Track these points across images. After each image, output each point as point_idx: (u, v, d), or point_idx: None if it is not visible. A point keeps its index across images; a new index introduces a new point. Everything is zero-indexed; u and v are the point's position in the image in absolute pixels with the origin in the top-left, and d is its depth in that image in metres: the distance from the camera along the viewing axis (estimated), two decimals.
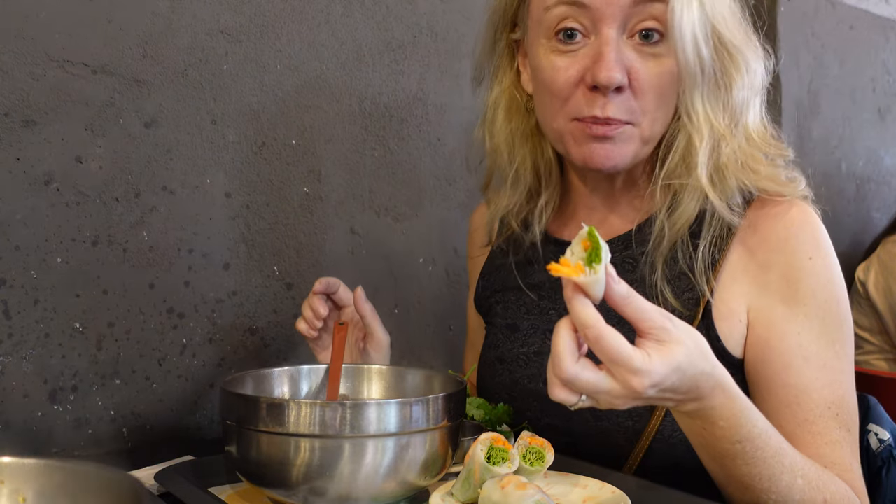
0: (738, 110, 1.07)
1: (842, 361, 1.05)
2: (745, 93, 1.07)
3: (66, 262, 1.26)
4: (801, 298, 1.05)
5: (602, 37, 1.03)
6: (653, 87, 1.05)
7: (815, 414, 1.02)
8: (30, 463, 0.79)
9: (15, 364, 1.22)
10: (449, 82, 1.69)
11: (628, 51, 1.04)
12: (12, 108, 1.21)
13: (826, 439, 1.01)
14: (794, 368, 1.03)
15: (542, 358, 1.17)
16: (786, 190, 1.08)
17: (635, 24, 1.03)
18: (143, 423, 1.34)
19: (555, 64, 1.06)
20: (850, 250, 2.47)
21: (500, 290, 1.28)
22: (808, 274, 1.05)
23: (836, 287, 1.06)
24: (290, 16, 1.47)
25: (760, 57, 1.10)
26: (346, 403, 0.90)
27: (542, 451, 0.95)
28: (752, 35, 1.10)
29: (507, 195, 1.22)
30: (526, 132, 1.19)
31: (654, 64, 1.04)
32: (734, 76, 1.06)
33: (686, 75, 1.04)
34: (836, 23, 2.47)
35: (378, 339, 1.26)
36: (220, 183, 1.40)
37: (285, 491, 0.94)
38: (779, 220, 1.08)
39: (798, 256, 1.06)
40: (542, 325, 1.20)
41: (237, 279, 1.43)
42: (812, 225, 1.08)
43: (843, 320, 1.06)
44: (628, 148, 1.07)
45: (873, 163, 2.61)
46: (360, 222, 1.57)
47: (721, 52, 1.05)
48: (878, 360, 2.24)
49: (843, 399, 1.03)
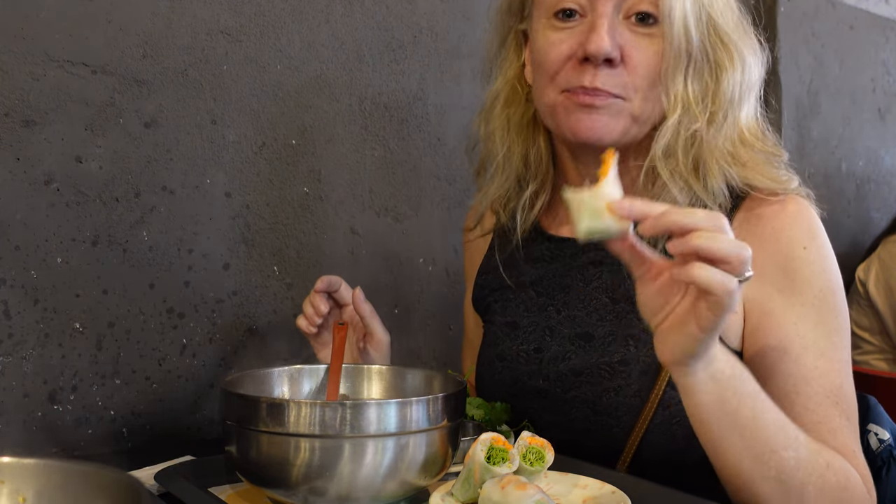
0: (727, 101, 1.07)
1: (839, 351, 1.05)
2: (737, 87, 1.08)
3: (66, 262, 1.26)
4: (797, 287, 1.05)
5: (597, 11, 1.05)
6: (645, 66, 1.06)
7: (815, 402, 1.02)
8: (30, 463, 0.79)
9: (15, 364, 1.22)
10: (449, 82, 1.69)
11: (623, 29, 1.06)
12: (12, 108, 1.21)
13: (827, 427, 1.01)
14: (793, 357, 1.03)
15: (541, 354, 1.17)
16: (779, 187, 1.09)
17: (631, 5, 1.05)
18: (143, 423, 1.34)
19: (550, 39, 1.09)
20: (850, 250, 2.47)
21: (497, 288, 1.28)
22: (804, 263, 1.06)
23: (831, 276, 1.07)
24: (290, 16, 1.47)
25: (758, 53, 1.10)
26: (346, 403, 0.90)
27: (542, 451, 0.95)
28: (750, 31, 1.11)
29: (496, 181, 1.22)
30: (522, 122, 1.20)
31: (647, 43, 1.06)
32: (725, 66, 1.07)
33: (671, 54, 1.05)
34: (835, 22, 2.47)
35: (378, 339, 1.26)
36: (220, 183, 1.40)
37: (285, 491, 0.94)
38: (774, 214, 1.08)
39: (793, 246, 1.06)
40: (542, 322, 1.19)
41: (237, 279, 1.43)
42: (806, 216, 1.09)
43: (840, 310, 1.07)
44: (616, 122, 1.07)
45: (873, 163, 2.61)
46: (360, 222, 1.57)
47: (714, 40, 1.06)
48: (878, 360, 2.24)
49: (842, 388, 1.04)
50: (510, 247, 1.25)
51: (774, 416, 0.94)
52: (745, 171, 1.09)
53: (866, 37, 2.57)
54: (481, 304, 1.31)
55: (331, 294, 1.24)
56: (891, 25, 2.65)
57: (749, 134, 1.11)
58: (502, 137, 1.20)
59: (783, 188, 1.09)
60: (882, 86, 2.63)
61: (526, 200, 1.21)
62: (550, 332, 1.17)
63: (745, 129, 1.10)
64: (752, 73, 1.09)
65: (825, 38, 2.45)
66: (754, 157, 1.10)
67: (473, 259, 1.36)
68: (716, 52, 1.07)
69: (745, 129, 1.11)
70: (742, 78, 1.08)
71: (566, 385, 1.14)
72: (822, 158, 2.45)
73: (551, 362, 1.16)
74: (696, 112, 1.06)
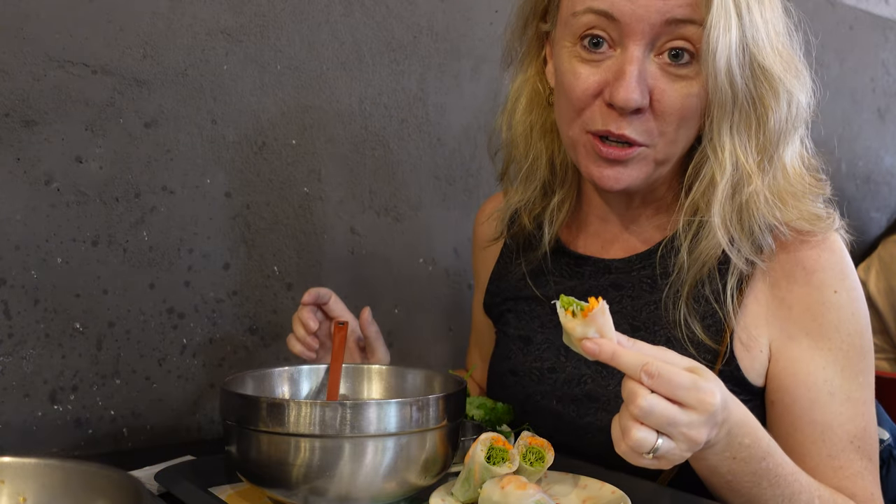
0: (773, 144, 1.01)
1: (864, 392, 1.04)
2: (783, 125, 1.01)
3: (66, 262, 1.26)
4: (825, 332, 1.04)
5: (627, 53, 0.98)
6: (676, 111, 1.00)
7: (838, 448, 1.02)
8: (30, 463, 0.79)
9: (15, 364, 1.22)
10: (449, 82, 1.69)
11: (654, 69, 0.99)
12: (12, 108, 1.21)
13: (847, 472, 1.02)
14: (820, 404, 1.02)
15: (555, 375, 1.15)
16: (818, 228, 1.04)
17: (664, 42, 0.98)
18: (143, 423, 1.34)
19: (576, 70, 1.02)
20: (850, 250, 2.46)
21: (511, 297, 1.25)
22: (834, 307, 1.04)
23: (860, 320, 1.05)
24: (290, 16, 1.47)
25: (806, 86, 1.03)
26: (346, 403, 0.90)
27: (542, 451, 0.95)
28: (800, 62, 1.03)
29: (521, 189, 1.19)
30: (545, 126, 1.16)
31: (680, 86, 0.99)
32: (771, 106, 0.99)
33: (715, 104, 0.98)
34: (835, 23, 2.47)
35: (378, 360, 1.24)
36: (220, 183, 1.40)
37: (285, 491, 0.94)
38: (808, 257, 1.05)
39: (823, 290, 1.04)
40: (556, 341, 1.15)
41: (237, 279, 1.43)
42: (839, 257, 1.06)
43: (867, 352, 1.06)
44: (641, 170, 1.03)
45: (873, 163, 2.61)
46: (360, 222, 1.57)
47: (759, 79, 0.98)
48: (878, 359, 2.24)
49: (866, 430, 1.03)
50: (534, 256, 1.22)
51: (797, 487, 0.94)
52: (787, 212, 1.03)
53: (866, 37, 2.57)
54: (494, 311, 1.29)
55: (320, 307, 1.20)
56: (891, 25, 2.65)
57: (791, 170, 1.05)
58: (526, 143, 1.17)
59: (823, 229, 1.05)
60: (882, 86, 2.63)
61: (554, 208, 1.18)
62: (566, 352, 1.13)
63: (787, 165, 1.05)
64: (800, 107, 1.02)
65: (825, 38, 2.44)
66: (796, 193, 1.05)
67: (486, 261, 1.33)
68: (760, 92, 0.99)
69: (791, 167, 1.05)
70: (788, 113, 1.01)
71: (581, 410, 1.12)
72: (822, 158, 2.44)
73: (566, 384, 1.14)
74: (748, 170, 1.00)
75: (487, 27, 1.73)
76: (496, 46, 1.31)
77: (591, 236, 1.19)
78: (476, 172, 1.73)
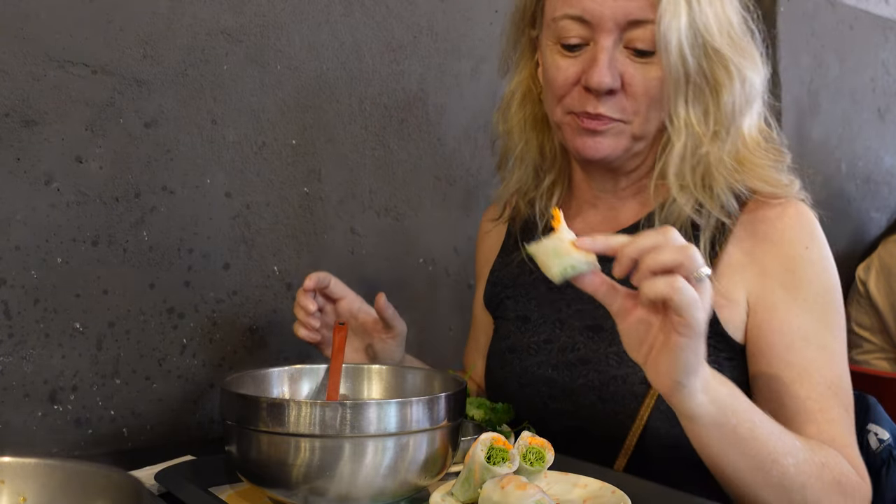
0: (729, 116, 1.13)
1: (838, 344, 1.11)
2: (738, 101, 1.13)
3: (66, 262, 1.26)
4: (799, 284, 1.11)
5: (599, 45, 1.12)
6: (644, 91, 1.13)
7: (816, 392, 1.07)
8: (30, 463, 0.79)
9: (15, 364, 1.22)
10: (449, 82, 1.69)
11: (622, 58, 1.12)
12: (12, 108, 1.21)
13: (827, 416, 1.06)
14: (795, 349, 1.09)
15: (551, 345, 1.22)
16: (780, 191, 1.15)
17: (629, 40, 1.12)
18: (143, 423, 1.34)
19: (558, 63, 1.16)
20: (850, 250, 2.47)
21: (510, 285, 1.32)
22: (806, 262, 1.12)
23: (831, 276, 1.13)
24: (290, 16, 1.47)
25: (758, 64, 1.15)
26: (346, 403, 0.91)
27: (542, 451, 0.95)
28: (749, 43, 1.16)
29: (516, 173, 1.29)
30: (537, 119, 1.27)
31: (645, 70, 1.12)
32: (724, 83, 1.12)
33: (670, 83, 1.11)
34: (835, 23, 2.47)
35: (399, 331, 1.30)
36: (220, 183, 1.40)
37: (285, 491, 0.94)
38: (776, 216, 1.14)
39: (795, 246, 1.13)
40: (552, 315, 1.23)
41: (237, 279, 1.43)
42: (807, 219, 1.15)
43: (838, 308, 1.13)
44: (619, 142, 1.15)
45: (873, 163, 2.61)
46: (360, 222, 1.57)
47: (711, 59, 1.11)
48: (878, 359, 2.24)
49: (841, 379, 1.09)
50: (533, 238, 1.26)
51: (770, 427, 0.98)
52: (749, 176, 1.14)
53: (866, 37, 2.57)
54: (493, 301, 1.35)
55: (322, 290, 1.26)
56: (891, 25, 2.64)
57: (752, 140, 1.17)
58: (520, 133, 1.28)
59: (785, 192, 1.15)
60: (882, 86, 2.63)
61: (544, 190, 1.28)
62: (560, 324, 1.22)
63: (747, 136, 1.16)
64: (753, 84, 1.14)
65: (825, 38, 2.44)
66: (758, 161, 1.16)
67: (486, 257, 1.40)
68: (713, 71, 1.12)
69: (748, 136, 1.16)
70: (742, 90, 1.13)
71: (574, 373, 1.18)
72: (822, 158, 2.45)
73: (560, 352, 1.20)
74: (700, 134, 1.13)
75: (487, 27, 1.73)
76: (496, 46, 1.32)
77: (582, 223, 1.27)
78: (476, 172, 1.73)
